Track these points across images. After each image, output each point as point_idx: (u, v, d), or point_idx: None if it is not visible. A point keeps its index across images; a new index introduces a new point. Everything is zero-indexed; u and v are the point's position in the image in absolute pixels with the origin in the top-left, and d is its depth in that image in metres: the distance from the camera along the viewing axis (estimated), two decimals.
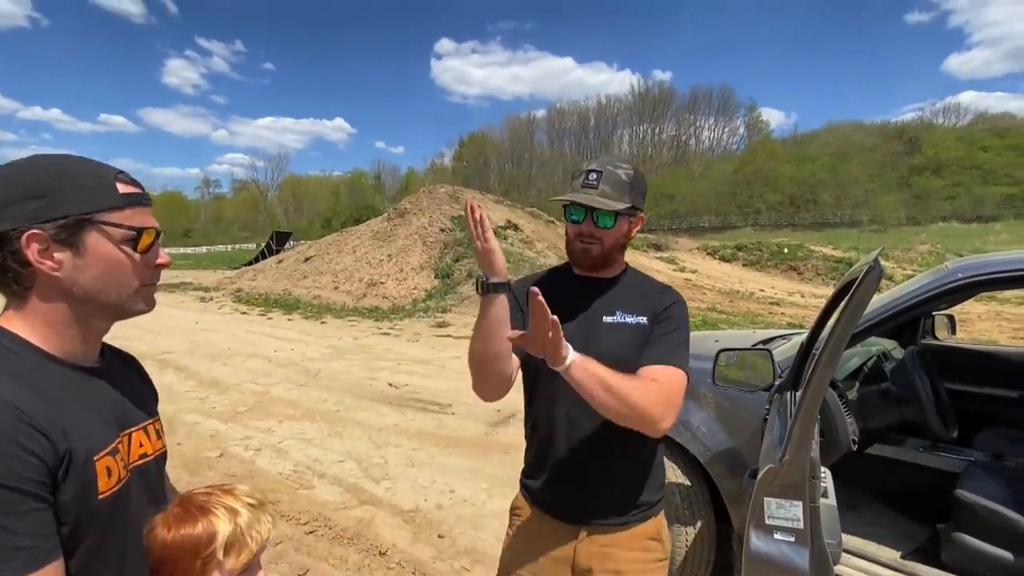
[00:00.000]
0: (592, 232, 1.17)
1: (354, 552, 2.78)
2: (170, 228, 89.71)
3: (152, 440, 0.84)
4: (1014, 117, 57.17)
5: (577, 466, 1.20)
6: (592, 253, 1.18)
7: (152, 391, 0.94)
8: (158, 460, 0.85)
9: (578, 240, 1.19)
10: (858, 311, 1.08)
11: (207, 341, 8.64)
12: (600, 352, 1.13)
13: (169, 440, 3.62)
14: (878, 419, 2.27)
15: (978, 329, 9.98)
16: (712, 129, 77.92)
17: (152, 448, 0.83)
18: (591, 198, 1.14)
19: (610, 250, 1.20)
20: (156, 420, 0.88)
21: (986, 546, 1.74)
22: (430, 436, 4.45)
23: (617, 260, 1.25)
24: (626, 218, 1.19)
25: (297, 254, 19.86)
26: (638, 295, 1.22)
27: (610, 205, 1.14)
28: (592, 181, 1.15)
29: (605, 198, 1.14)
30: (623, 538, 1.19)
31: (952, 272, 1.74)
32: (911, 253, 24.49)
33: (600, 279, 1.25)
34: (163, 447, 0.88)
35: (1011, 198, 46.24)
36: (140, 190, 0.79)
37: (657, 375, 1.09)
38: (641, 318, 1.18)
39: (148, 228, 0.77)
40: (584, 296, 1.23)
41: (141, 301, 0.80)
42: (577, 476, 1.20)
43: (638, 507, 1.20)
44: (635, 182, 1.18)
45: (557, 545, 1.22)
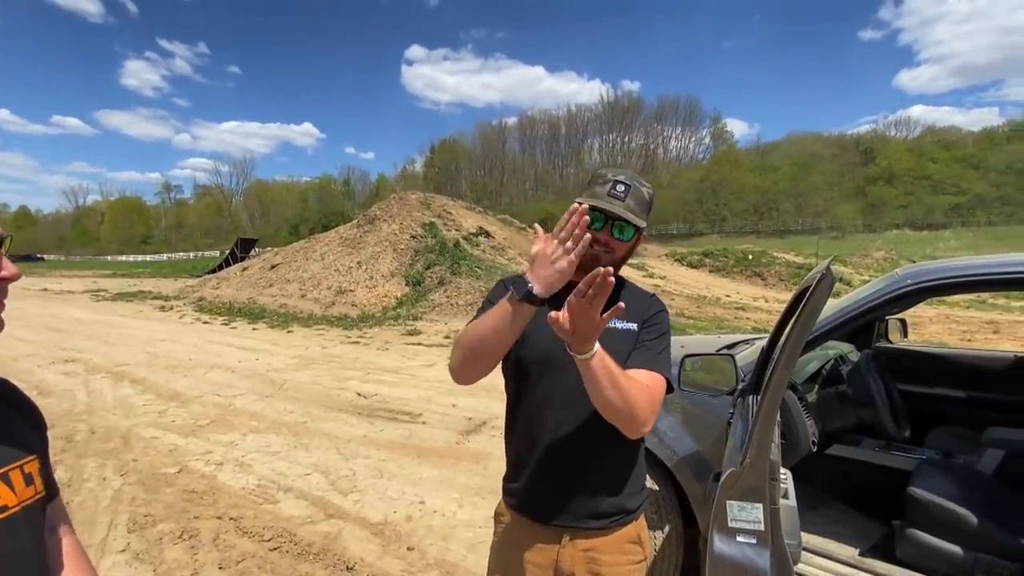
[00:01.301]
0: (608, 241, 1.18)
1: (320, 568, 2.71)
2: (127, 234, 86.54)
3: (17, 488, 0.68)
4: (960, 131, 60.38)
5: (559, 471, 1.21)
6: (602, 261, 1.16)
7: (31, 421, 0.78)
8: (27, 513, 0.68)
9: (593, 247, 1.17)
10: (812, 318, 1.11)
11: (167, 352, 8.34)
12: None
13: (124, 456, 3.45)
14: (836, 421, 2.35)
15: (929, 332, 10.44)
16: (679, 139, 79.72)
17: (17, 498, 0.67)
18: (623, 210, 1.16)
19: (618, 261, 1.21)
20: (27, 461, 0.71)
21: (937, 541, 1.81)
22: (400, 446, 4.39)
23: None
24: (637, 234, 1.22)
25: (263, 261, 19.39)
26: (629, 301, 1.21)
27: (637, 221, 1.17)
28: (620, 193, 1.16)
29: (631, 213, 1.16)
30: (604, 542, 1.20)
31: (902, 278, 1.82)
32: (867, 259, 25.55)
33: None
34: (36, 494, 0.71)
35: (958, 207, 48.75)
36: None
37: (644, 379, 1.11)
38: (631, 324, 1.21)
39: None
40: None
41: None
42: (558, 481, 1.21)
43: (619, 512, 1.22)
44: (651, 202, 1.23)
45: (540, 550, 1.23)
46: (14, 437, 0.72)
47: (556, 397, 1.18)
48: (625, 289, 1.29)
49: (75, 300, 16.93)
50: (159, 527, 3.07)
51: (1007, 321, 11.86)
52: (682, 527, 2.25)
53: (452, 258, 14.72)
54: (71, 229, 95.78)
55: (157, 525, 3.09)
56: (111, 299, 17.22)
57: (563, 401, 1.18)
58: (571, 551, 1.20)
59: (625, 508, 1.23)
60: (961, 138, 57.55)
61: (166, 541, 2.93)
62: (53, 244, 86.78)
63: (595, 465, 1.20)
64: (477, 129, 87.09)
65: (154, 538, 2.95)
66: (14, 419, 0.74)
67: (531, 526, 1.24)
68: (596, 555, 1.20)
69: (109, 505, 3.34)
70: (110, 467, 3.90)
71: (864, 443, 2.51)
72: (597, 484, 1.21)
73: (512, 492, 1.29)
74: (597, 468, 1.20)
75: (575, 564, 1.20)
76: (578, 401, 1.15)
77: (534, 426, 1.23)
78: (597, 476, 1.20)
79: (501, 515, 1.33)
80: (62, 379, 6.49)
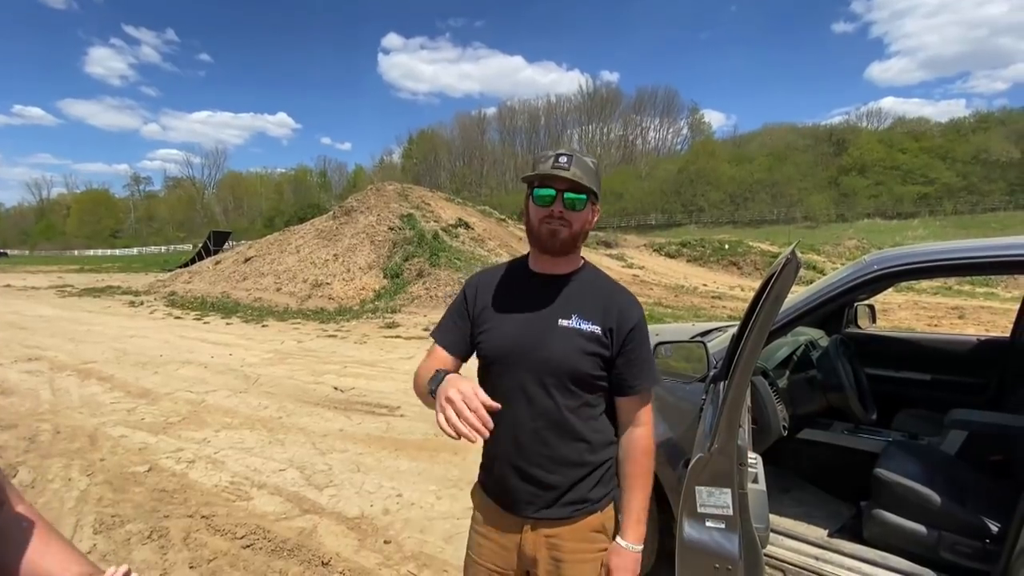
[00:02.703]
0: (562, 214, 1.16)
1: (295, 564, 2.66)
2: (95, 228, 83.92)
3: None
4: (928, 122, 61.77)
5: (520, 464, 1.21)
6: (561, 236, 1.17)
7: None
8: None
9: (545, 223, 1.17)
10: (777, 303, 1.11)
11: (136, 348, 8.12)
12: (550, 358, 1.15)
13: (91, 456, 3.34)
14: (806, 405, 2.39)
15: (898, 318, 10.74)
16: (657, 130, 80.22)
17: None
18: (570, 172, 1.13)
19: (577, 235, 1.18)
20: None
21: (902, 520, 1.86)
22: (377, 440, 4.35)
23: (578, 250, 1.24)
24: (590, 205, 1.19)
25: (236, 255, 18.97)
26: (593, 297, 1.21)
27: (585, 182, 1.14)
28: (564, 164, 1.14)
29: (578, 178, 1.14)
30: (567, 530, 1.21)
31: (869, 264, 1.84)
32: (840, 248, 26.11)
33: (557, 276, 1.23)
34: None
35: (926, 197, 50.04)
36: None
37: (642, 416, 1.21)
38: (595, 326, 1.16)
39: None
40: (540, 295, 1.22)
41: None
42: (520, 474, 1.21)
43: (581, 502, 1.22)
44: (597, 170, 1.19)
45: (504, 533, 1.26)
46: None
47: (516, 390, 1.17)
48: (588, 278, 1.25)
49: (40, 296, 16.35)
50: (127, 527, 2.99)
51: (972, 307, 12.26)
52: (657, 513, 2.27)
53: (431, 250, 14.60)
54: (35, 223, 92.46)
55: (125, 525, 3.01)
56: (78, 295, 16.69)
57: (524, 394, 1.17)
58: (533, 537, 1.22)
59: (588, 498, 1.22)
60: (929, 129, 58.97)
61: (134, 541, 2.85)
62: (16, 239, 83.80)
63: (555, 458, 1.19)
64: (456, 119, 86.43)
65: (122, 539, 2.87)
66: None
67: (497, 510, 1.27)
68: (558, 542, 1.21)
69: (74, 506, 3.24)
70: (76, 467, 3.78)
71: (834, 427, 2.55)
72: (557, 476, 1.20)
73: (481, 478, 1.33)
74: (557, 461, 1.20)
75: (537, 549, 1.22)
76: (538, 395, 1.15)
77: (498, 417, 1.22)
78: (557, 469, 1.20)
79: (475, 495, 1.36)
80: (25, 378, 6.27)
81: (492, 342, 1.22)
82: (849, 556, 1.86)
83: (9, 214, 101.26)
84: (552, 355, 1.15)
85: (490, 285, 1.29)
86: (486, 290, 1.28)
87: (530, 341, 1.17)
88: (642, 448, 1.21)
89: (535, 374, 1.15)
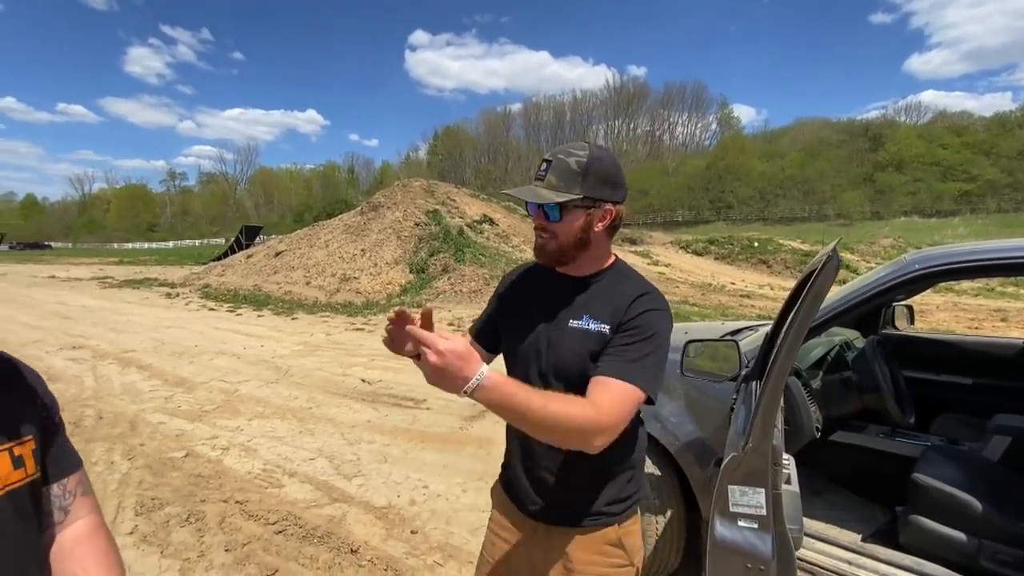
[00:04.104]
0: (544, 226, 1.10)
1: (324, 551, 2.73)
2: (133, 222, 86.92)
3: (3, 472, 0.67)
4: (971, 116, 59.43)
5: (533, 464, 1.19)
6: (547, 248, 1.12)
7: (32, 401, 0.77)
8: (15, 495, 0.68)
9: (537, 234, 1.13)
10: (817, 300, 1.10)
11: (173, 338, 8.39)
12: (559, 359, 1.11)
13: (132, 440, 3.47)
14: (840, 407, 2.34)
15: (936, 319, 10.37)
16: (685, 125, 79.07)
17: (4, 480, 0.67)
18: (531, 191, 1.07)
19: (565, 246, 1.10)
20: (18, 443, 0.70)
21: (941, 527, 1.81)
22: (404, 432, 4.41)
23: (585, 257, 1.13)
24: (581, 211, 1.07)
25: (267, 249, 19.43)
26: (610, 298, 1.12)
27: (546, 197, 1.05)
28: (541, 172, 1.08)
29: (550, 189, 1.06)
30: (578, 540, 1.17)
31: (910, 263, 1.79)
32: (874, 247, 25.35)
33: (579, 277, 1.16)
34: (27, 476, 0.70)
35: (967, 194, 48.18)
36: None
37: (597, 391, 1.00)
38: (604, 325, 1.08)
39: None
40: (556, 295, 1.16)
41: None
42: (532, 474, 1.20)
43: (596, 514, 1.16)
44: (591, 169, 1.06)
45: (516, 533, 1.24)
46: (8, 419, 0.71)
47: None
48: (612, 281, 1.15)
49: (82, 287, 17.03)
50: (166, 510, 3.11)
51: (1016, 309, 11.77)
52: (684, 512, 2.26)
53: (456, 245, 14.70)
54: (78, 217, 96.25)
55: (164, 508, 3.13)
56: (118, 286, 17.32)
57: None
58: (544, 540, 1.19)
59: (602, 511, 1.16)
60: (972, 123, 56.68)
61: (173, 524, 2.96)
62: (60, 232, 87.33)
63: (566, 463, 1.15)
64: (481, 116, 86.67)
65: (161, 521, 2.99)
66: (6, 398, 0.73)
67: (511, 509, 1.26)
68: (569, 550, 1.17)
69: (117, 488, 3.38)
70: (118, 451, 3.94)
71: (869, 429, 2.49)
72: (568, 482, 1.16)
73: (502, 474, 1.32)
74: (568, 467, 1.15)
75: (547, 553, 1.19)
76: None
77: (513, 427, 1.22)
78: (568, 474, 1.16)
79: (493, 492, 1.36)
80: (70, 365, 6.55)
81: (507, 341, 1.21)
82: (884, 562, 1.82)
83: (53, 208, 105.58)
84: (559, 357, 1.11)
85: (517, 283, 1.27)
86: (512, 287, 1.27)
87: (541, 342, 1.14)
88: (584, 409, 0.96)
89: (544, 376, 1.12)
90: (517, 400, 0.91)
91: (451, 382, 0.88)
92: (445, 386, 0.89)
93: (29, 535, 0.70)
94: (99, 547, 0.78)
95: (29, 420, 0.74)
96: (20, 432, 0.71)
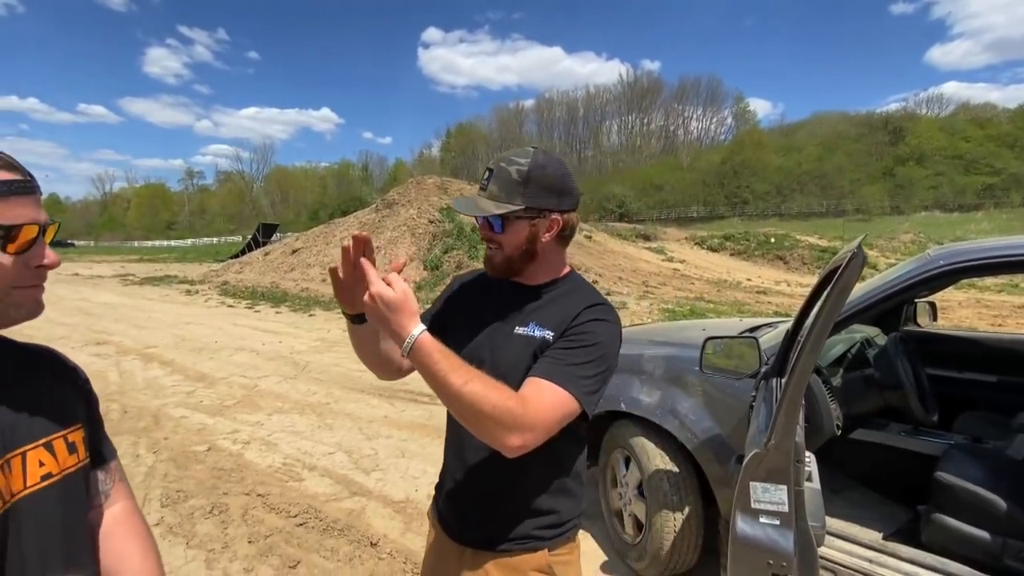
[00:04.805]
0: (490, 236, 1.06)
1: (345, 543, 2.78)
2: (153, 221, 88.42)
3: (61, 456, 0.71)
4: (995, 108, 57.98)
5: (459, 482, 1.13)
6: (494, 260, 1.08)
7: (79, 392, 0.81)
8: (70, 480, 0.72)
9: (487, 245, 1.09)
10: (842, 297, 1.09)
11: (193, 335, 8.55)
12: (500, 365, 1.05)
13: (156, 434, 3.55)
14: (861, 404, 2.32)
15: (959, 317, 10.17)
16: (700, 119, 78.19)
17: (61, 466, 0.71)
18: (472, 202, 1.04)
19: (512, 257, 1.06)
20: (74, 429, 0.75)
21: (964, 526, 1.79)
22: (421, 427, 4.46)
23: (535, 267, 1.10)
24: (525, 221, 1.03)
25: (284, 246, 19.66)
26: (559, 307, 1.07)
27: (485, 209, 1.01)
28: (484, 182, 1.04)
29: (491, 200, 1.02)
30: (503, 564, 1.08)
31: (934, 259, 1.77)
32: (894, 242, 24.89)
33: (531, 286, 1.12)
34: (79, 462, 0.74)
35: (991, 188, 47.05)
36: (20, 176, 0.66)
37: (527, 389, 0.94)
38: (548, 332, 1.04)
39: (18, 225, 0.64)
40: (506, 303, 1.12)
41: (16, 307, 0.68)
42: (459, 493, 1.14)
43: (518, 538, 1.08)
44: (532, 177, 1.02)
45: (444, 558, 1.16)
46: (60, 407, 0.74)
47: None
48: (565, 290, 1.11)
49: (105, 284, 17.40)
50: (190, 502, 3.18)
51: None
52: (702, 509, 2.26)
53: (470, 242, 14.74)
54: (99, 215, 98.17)
55: (189, 500, 3.21)
56: (139, 283, 17.66)
57: None
58: (470, 564, 1.11)
59: (529, 534, 1.08)
60: (996, 115, 55.29)
61: (197, 516, 3.04)
62: (82, 230, 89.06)
63: (493, 481, 1.08)
64: (494, 112, 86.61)
65: (186, 513, 3.06)
66: (60, 389, 0.77)
67: (439, 531, 1.19)
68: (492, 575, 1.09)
69: (143, 481, 3.46)
70: (143, 445, 4.04)
71: (890, 427, 2.47)
72: (495, 502, 1.09)
73: (435, 493, 1.25)
74: (495, 485, 1.08)
75: None
76: None
77: (447, 432, 1.18)
78: (495, 493, 1.09)
79: (429, 512, 1.27)
80: (94, 360, 6.71)
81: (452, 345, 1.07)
82: (907, 560, 1.81)
83: (76, 207, 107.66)
84: (502, 364, 1.05)
85: (468, 287, 1.23)
86: (464, 290, 1.23)
87: (484, 349, 1.08)
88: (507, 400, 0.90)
89: None
90: (438, 368, 0.87)
91: (389, 333, 0.88)
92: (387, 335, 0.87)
93: (81, 516, 0.75)
94: (137, 528, 0.84)
95: (78, 409, 0.79)
96: (72, 420, 0.76)
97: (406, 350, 0.87)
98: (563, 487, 1.11)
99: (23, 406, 0.69)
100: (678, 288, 14.48)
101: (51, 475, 0.69)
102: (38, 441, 0.69)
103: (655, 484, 2.29)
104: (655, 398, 2.39)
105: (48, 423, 0.71)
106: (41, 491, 0.68)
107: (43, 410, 0.72)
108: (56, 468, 0.70)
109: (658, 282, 15.06)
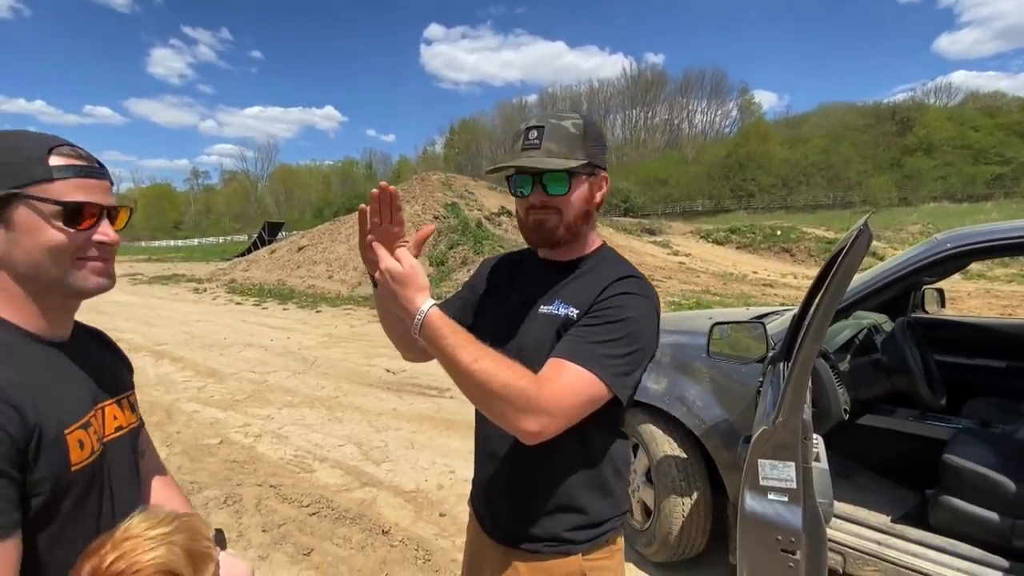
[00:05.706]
0: (546, 203, 0.96)
1: (357, 531, 2.82)
2: (159, 221, 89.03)
3: (126, 413, 0.85)
4: (1005, 96, 57.26)
5: (492, 476, 1.07)
6: (548, 225, 0.97)
7: (126, 364, 0.95)
8: (131, 433, 0.85)
9: (531, 214, 0.98)
10: (849, 274, 1.10)
11: (202, 332, 8.63)
12: (526, 347, 0.98)
13: (169, 428, 3.61)
14: (869, 389, 2.32)
15: (968, 306, 10.10)
16: (705, 112, 77.77)
17: (126, 421, 0.84)
18: (535, 159, 0.93)
19: (572, 221, 0.98)
20: (130, 393, 0.89)
21: (973, 508, 1.80)
22: (429, 419, 4.49)
23: (583, 236, 1.03)
24: (584, 179, 0.97)
25: (290, 244, 19.75)
26: (588, 281, 0.99)
27: (557, 164, 0.92)
28: (534, 140, 0.94)
29: (551, 157, 0.93)
30: (536, 567, 1.01)
31: (942, 243, 1.78)
32: (902, 233, 24.73)
33: (562, 262, 1.04)
34: (137, 421, 0.88)
35: (1001, 177, 46.52)
36: (84, 162, 0.73)
37: (548, 370, 0.87)
38: (572, 309, 0.96)
39: (83, 202, 0.71)
40: (535, 280, 1.05)
41: (85, 277, 0.75)
42: (491, 487, 1.08)
43: (551, 540, 1.00)
44: (588, 132, 0.96)
45: (482, 551, 1.11)
46: (120, 376, 0.89)
47: None
48: (597, 265, 1.02)
49: None
50: (205, 493, 3.23)
51: None
52: (710, 494, 2.28)
53: (475, 238, 14.76)
54: None
55: (203, 491, 3.25)
56: (148, 282, 17.81)
57: None
58: (504, 562, 1.04)
59: (559, 537, 0.99)
60: (1006, 104, 54.59)
61: (212, 506, 3.08)
62: None
63: (523, 476, 1.01)
64: (497, 108, 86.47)
65: (201, 503, 3.11)
66: (116, 361, 0.92)
67: (475, 525, 1.15)
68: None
69: None
70: (157, 438, 4.09)
71: (897, 412, 2.47)
72: (524, 502, 1.02)
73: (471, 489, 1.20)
74: (525, 480, 1.01)
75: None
76: None
77: (475, 421, 1.13)
78: (525, 489, 1.01)
79: (469, 504, 1.21)
80: None
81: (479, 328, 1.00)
82: (915, 542, 1.82)
83: None
84: (525, 344, 0.98)
85: (499, 268, 1.18)
86: (494, 273, 1.18)
87: (511, 331, 1.02)
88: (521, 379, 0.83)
89: None
90: (447, 343, 0.82)
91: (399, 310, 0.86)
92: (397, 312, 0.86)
93: (138, 466, 0.88)
94: (168, 480, 1.01)
95: (128, 378, 0.93)
96: (128, 386, 0.90)
97: (416, 327, 0.83)
98: (597, 483, 1.01)
99: (100, 370, 0.82)
100: (683, 282, 14.44)
101: (122, 427, 0.83)
102: (112, 399, 0.83)
103: (663, 470, 2.31)
104: (663, 385, 2.41)
105: (116, 385, 0.85)
106: (117, 439, 0.81)
107: (111, 375, 0.85)
108: (124, 422, 0.84)
109: (663, 276, 15.03)
